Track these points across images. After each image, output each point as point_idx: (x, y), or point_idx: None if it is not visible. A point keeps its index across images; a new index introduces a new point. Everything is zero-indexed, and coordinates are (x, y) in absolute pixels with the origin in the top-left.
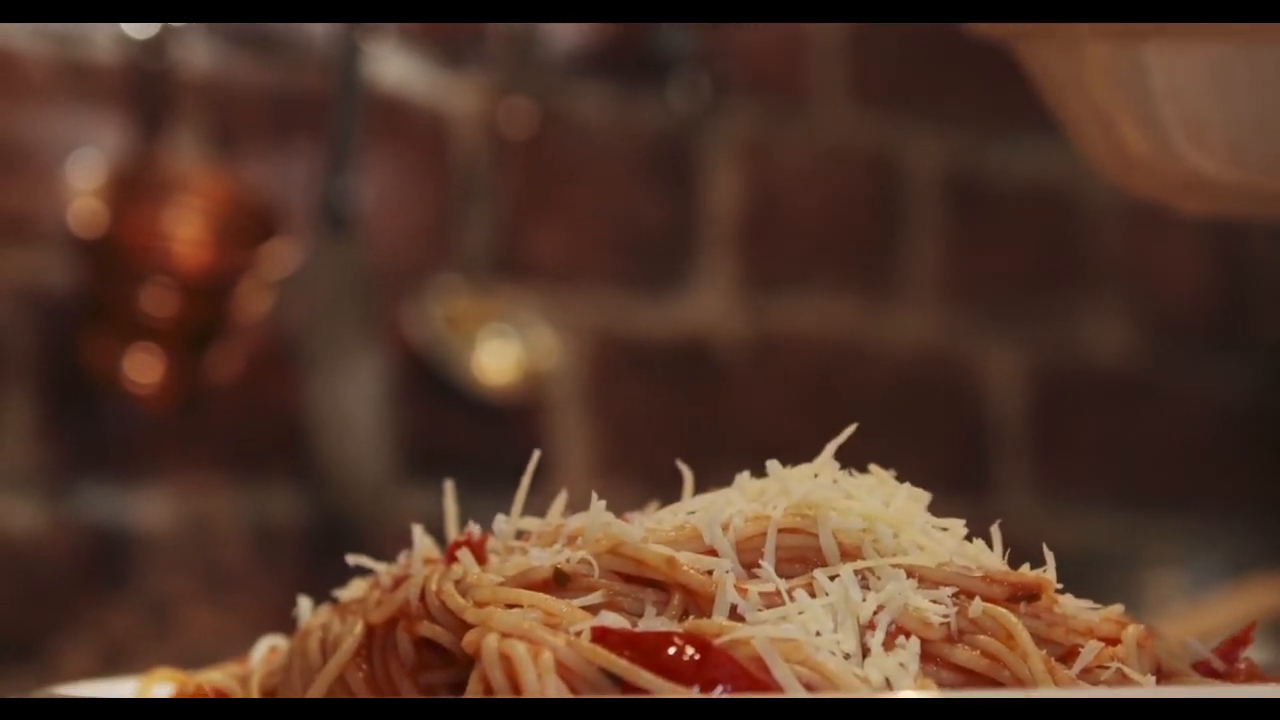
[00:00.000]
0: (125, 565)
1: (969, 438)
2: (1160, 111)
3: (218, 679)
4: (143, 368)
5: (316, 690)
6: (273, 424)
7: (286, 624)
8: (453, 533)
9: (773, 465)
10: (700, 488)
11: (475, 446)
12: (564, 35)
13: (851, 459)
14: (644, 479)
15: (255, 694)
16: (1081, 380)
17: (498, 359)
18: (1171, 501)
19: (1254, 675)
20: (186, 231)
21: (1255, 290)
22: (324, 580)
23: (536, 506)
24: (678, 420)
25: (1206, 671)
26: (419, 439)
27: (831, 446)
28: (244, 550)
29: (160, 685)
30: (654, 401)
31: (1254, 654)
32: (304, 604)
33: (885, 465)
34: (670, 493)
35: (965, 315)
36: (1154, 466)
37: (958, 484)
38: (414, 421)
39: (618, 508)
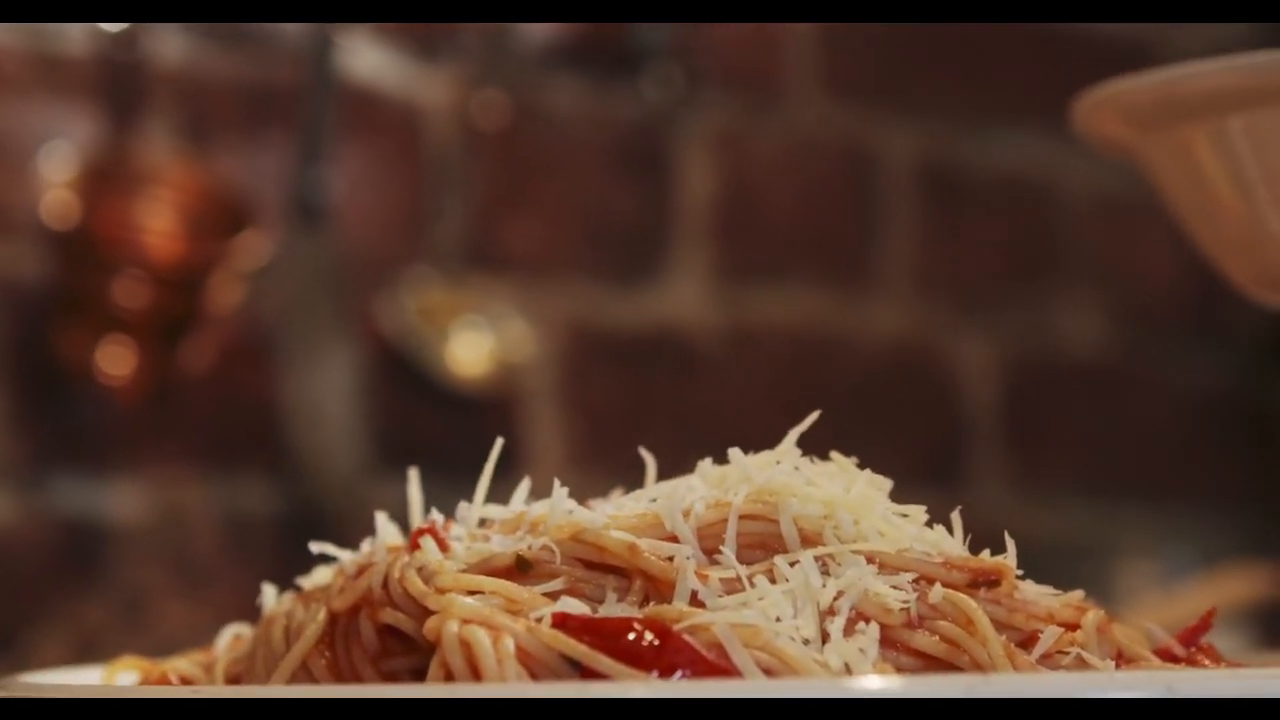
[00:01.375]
0: (98, 557)
1: (943, 429)
2: (1259, 192)
3: (183, 667)
4: (115, 359)
5: (280, 677)
6: (245, 416)
7: (259, 615)
8: (417, 521)
9: (734, 453)
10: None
11: (448, 438)
12: (537, 28)
13: (825, 449)
14: (617, 470)
15: (219, 682)
16: (1055, 371)
17: (471, 351)
18: (1144, 492)
19: (1215, 661)
20: (158, 223)
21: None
22: (297, 571)
23: (509, 497)
24: (651, 412)
25: (1167, 657)
26: (392, 431)
27: (794, 434)
28: (217, 542)
29: (125, 674)
30: (628, 393)
31: (1226, 641)
32: (268, 592)
33: (860, 456)
34: (643, 483)
35: (939, 306)
36: (1127, 457)
37: (932, 474)
38: (387, 413)
39: (591, 497)
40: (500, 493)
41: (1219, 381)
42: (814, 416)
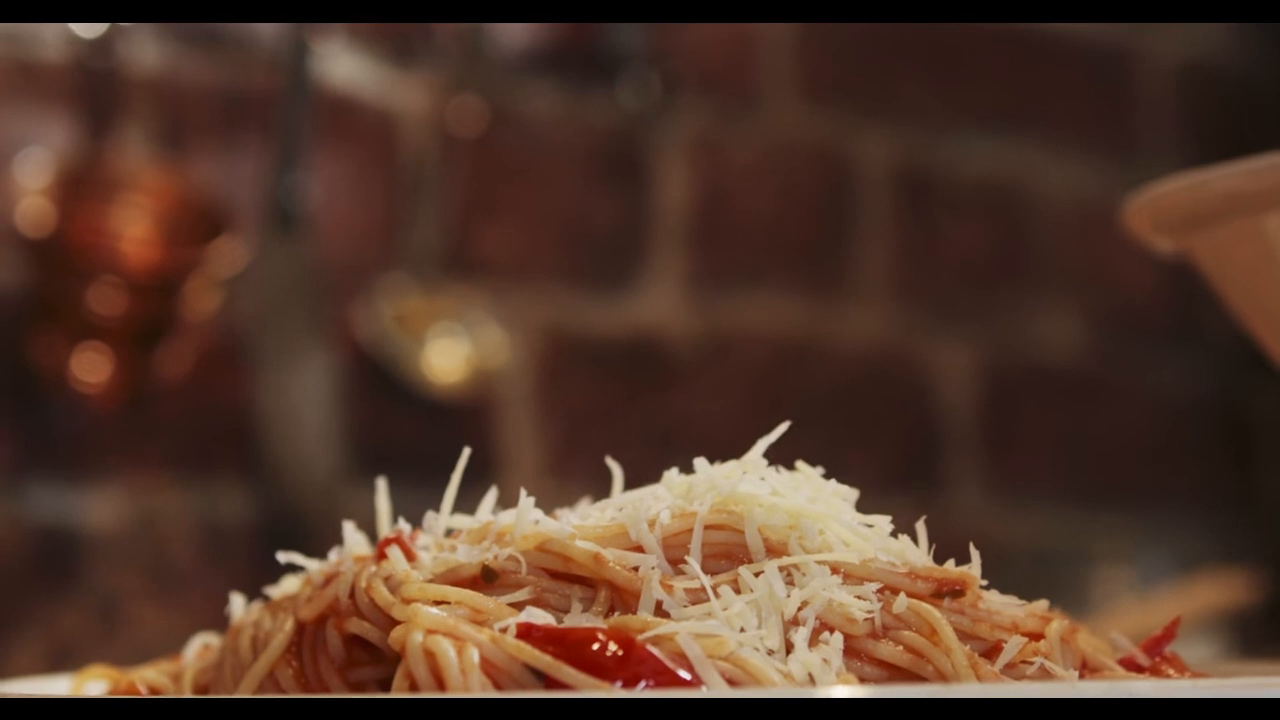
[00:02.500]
0: (74, 563)
1: (920, 434)
2: None
3: (151, 676)
4: (91, 366)
5: (247, 687)
6: (221, 422)
7: (229, 624)
8: (385, 530)
9: (700, 463)
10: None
11: (424, 444)
12: (513, 34)
13: (802, 455)
14: (594, 476)
15: (188, 691)
16: (1032, 377)
17: (447, 357)
18: (1121, 498)
19: (1179, 670)
20: (134, 230)
21: (1205, 289)
22: (273, 578)
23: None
24: (628, 418)
25: (1131, 667)
26: (368, 437)
27: (761, 445)
28: (193, 548)
29: (94, 683)
30: (604, 399)
31: (1202, 648)
32: (237, 601)
33: (837, 461)
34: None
35: (916, 312)
36: (1103, 463)
37: (909, 480)
38: (363, 420)
39: (567, 505)
40: (476, 499)
41: (1195, 387)
42: (782, 428)
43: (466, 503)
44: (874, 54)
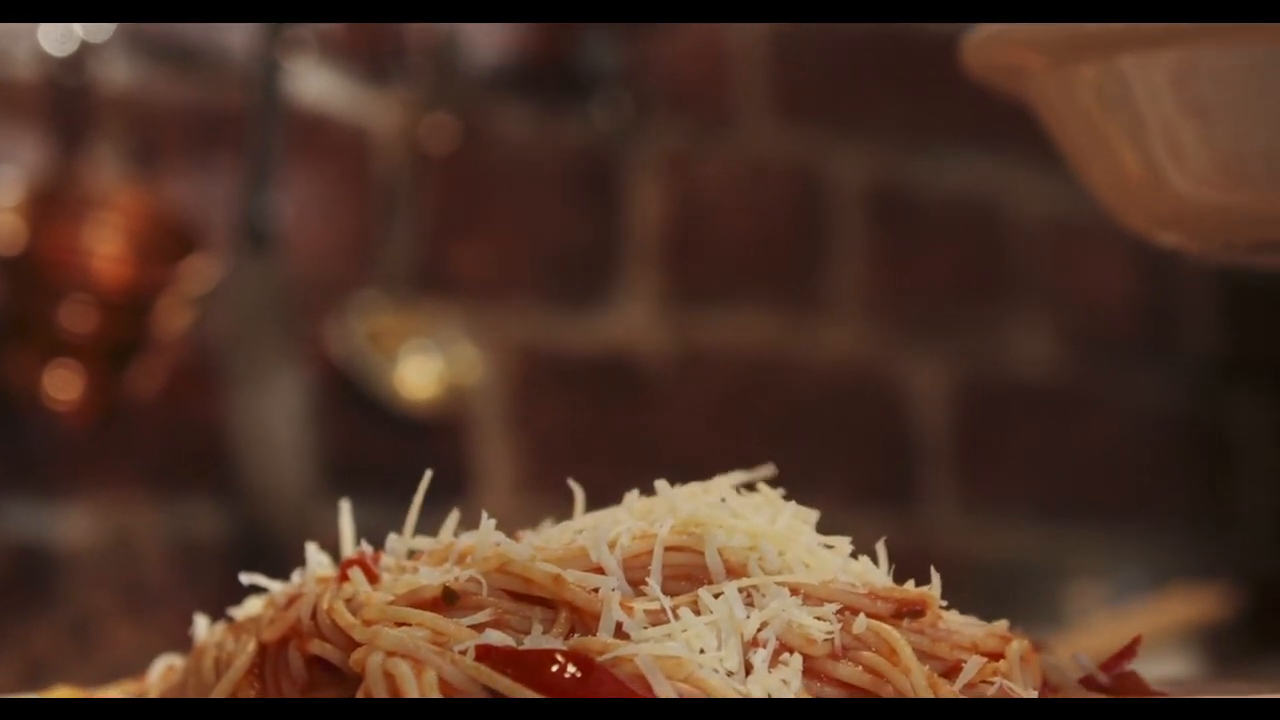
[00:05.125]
0: (46, 582)
1: (894, 451)
2: (1146, 133)
3: (114, 697)
4: (62, 384)
5: None
6: (194, 440)
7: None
8: (348, 552)
9: (661, 484)
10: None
11: (397, 462)
12: (486, 50)
13: (777, 472)
14: (568, 493)
15: None
16: (1006, 393)
17: (420, 375)
18: (1095, 513)
19: (1139, 690)
20: (106, 248)
21: (1179, 303)
22: (245, 597)
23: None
24: (601, 436)
25: (1092, 686)
26: (341, 455)
27: (733, 476)
28: (166, 566)
29: None
30: (577, 417)
31: (1175, 665)
32: (200, 622)
33: (812, 477)
34: (593, 509)
35: (890, 329)
36: (1078, 479)
37: (883, 497)
38: (336, 438)
39: (543, 521)
40: (451, 519)
41: (1169, 402)
42: (762, 471)
43: (441, 520)
44: (848, 71)
